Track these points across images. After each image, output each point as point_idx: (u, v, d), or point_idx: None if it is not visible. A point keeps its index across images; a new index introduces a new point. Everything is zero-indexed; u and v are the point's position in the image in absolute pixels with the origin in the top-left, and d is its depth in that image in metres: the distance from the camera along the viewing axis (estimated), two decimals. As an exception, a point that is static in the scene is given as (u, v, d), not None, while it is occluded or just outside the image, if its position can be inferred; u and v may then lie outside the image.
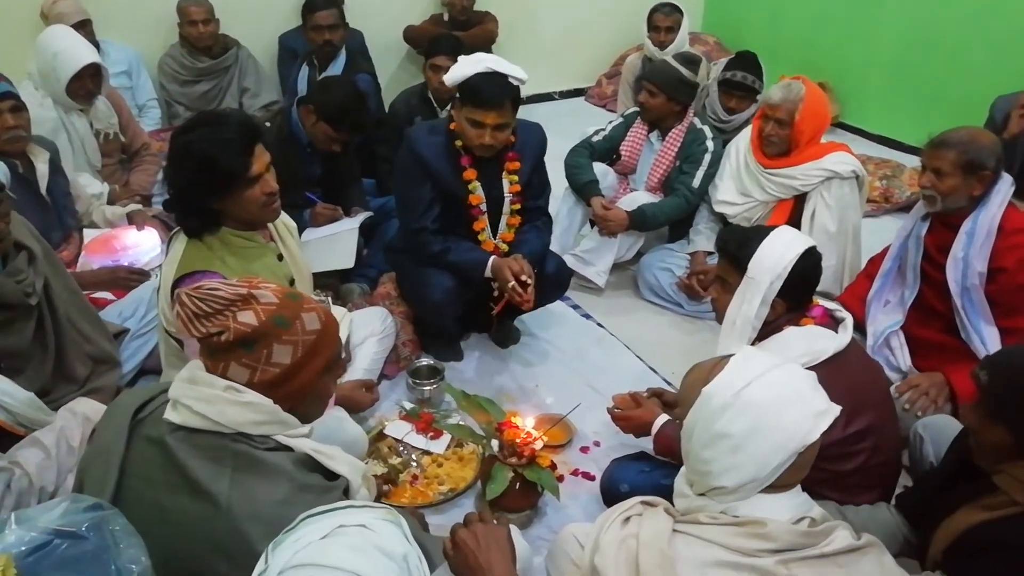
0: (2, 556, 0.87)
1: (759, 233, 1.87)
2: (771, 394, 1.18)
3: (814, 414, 1.18)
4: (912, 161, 4.39)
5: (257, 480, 1.19)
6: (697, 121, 3.17)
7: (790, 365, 1.25)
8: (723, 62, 3.64)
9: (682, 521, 1.24)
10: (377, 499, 1.74)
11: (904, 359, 2.33)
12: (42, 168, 2.65)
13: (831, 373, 1.42)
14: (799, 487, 1.23)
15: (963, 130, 2.20)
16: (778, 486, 1.19)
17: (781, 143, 2.79)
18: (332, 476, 1.30)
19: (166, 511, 1.13)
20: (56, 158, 2.77)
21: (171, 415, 1.22)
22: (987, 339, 2.21)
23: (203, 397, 1.21)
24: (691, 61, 3.14)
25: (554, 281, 2.66)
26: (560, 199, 2.74)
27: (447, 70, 3.28)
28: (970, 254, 2.18)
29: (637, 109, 3.28)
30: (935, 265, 2.29)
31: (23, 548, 0.89)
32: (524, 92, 2.43)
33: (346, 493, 1.30)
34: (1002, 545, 1.36)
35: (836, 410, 1.21)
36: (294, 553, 0.89)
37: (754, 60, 3.37)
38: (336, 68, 3.95)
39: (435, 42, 3.54)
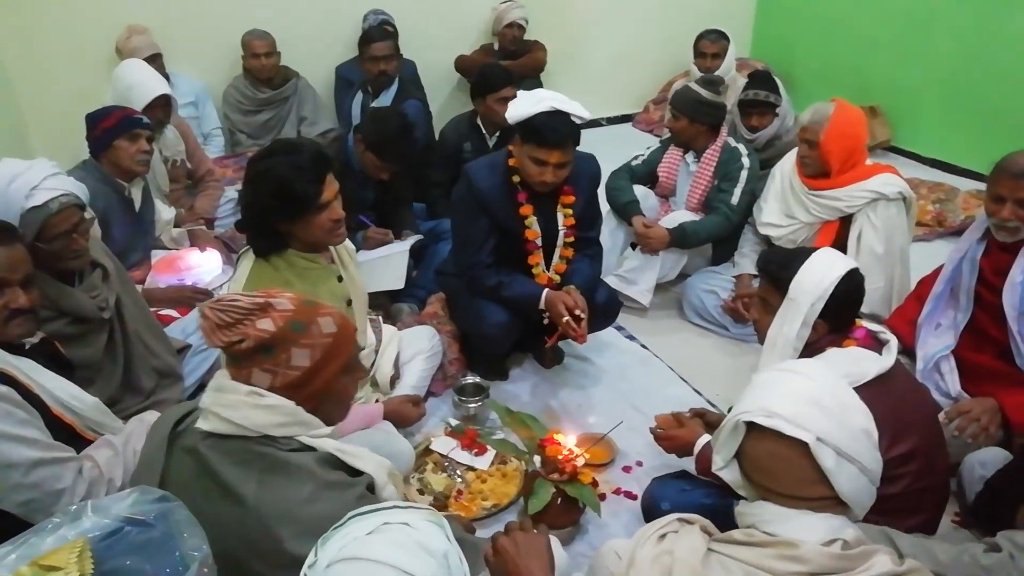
0: (80, 539, 0.95)
1: (801, 255, 1.87)
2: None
3: None
4: (966, 184, 4.31)
5: (283, 480, 1.25)
6: (731, 140, 3.21)
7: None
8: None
9: (718, 540, 1.24)
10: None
11: (954, 384, 2.29)
12: (137, 193, 2.90)
13: (874, 395, 1.41)
14: (834, 512, 1.20)
15: None
16: (807, 498, 1.18)
17: (813, 164, 2.79)
18: (356, 474, 1.34)
19: (203, 516, 1.18)
20: (148, 186, 3.01)
21: (202, 423, 1.29)
22: None
23: (228, 403, 1.27)
24: (712, 83, 3.23)
25: (604, 311, 2.70)
26: (602, 222, 2.80)
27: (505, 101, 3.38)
28: None
29: None
30: (991, 288, 2.24)
31: (97, 533, 0.97)
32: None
33: (371, 490, 1.35)
34: None
35: None
36: (341, 548, 0.95)
37: (768, 76, 3.44)
38: (388, 96, 4.08)
39: (492, 76, 3.49)
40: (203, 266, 3.03)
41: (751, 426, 1.24)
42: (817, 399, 1.20)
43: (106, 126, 2.74)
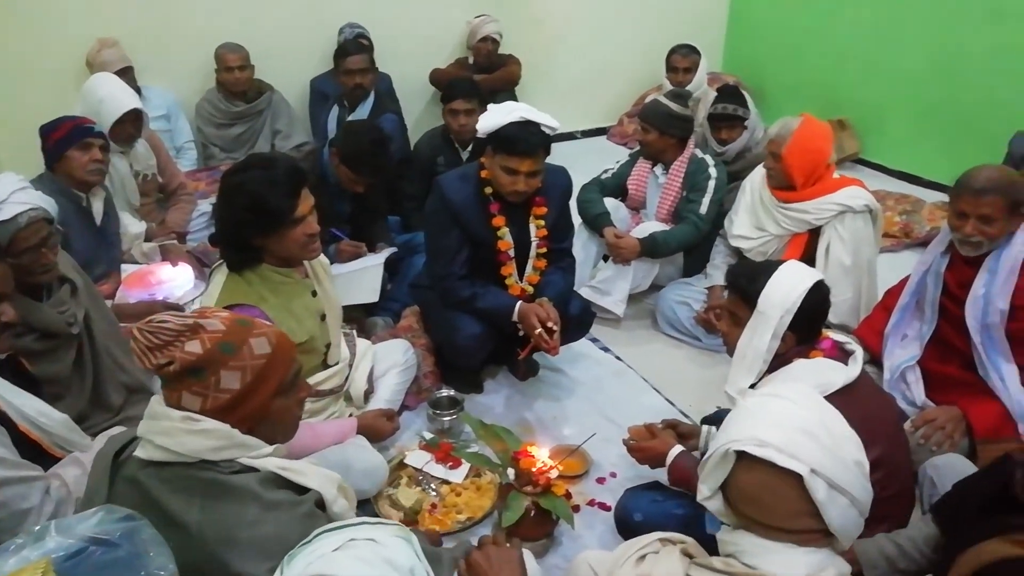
0: (43, 560, 0.93)
1: (768, 268, 1.89)
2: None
3: None
4: (931, 196, 4.41)
5: (226, 504, 1.23)
6: (698, 152, 3.28)
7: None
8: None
9: (697, 565, 1.22)
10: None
11: (919, 393, 2.33)
12: (98, 205, 2.86)
13: (840, 405, 1.40)
14: (819, 546, 1.17)
15: (991, 171, 2.18)
16: (794, 531, 1.15)
17: (777, 176, 2.85)
18: (304, 491, 1.32)
19: None
20: (110, 197, 2.97)
21: (140, 452, 1.27)
22: (1006, 376, 2.20)
23: (163, 430, 1.25)
24: (680, 96, 3.31)
25: (577, 322, 2.72)
26: (574, 234, 2.84)
27: (464, 113, 3.45)
28: (992, 291, 2.18)
29: None
30: (955, 301, 2.29)
31: (62, 553, 0.96)
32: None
33: (321, 506, 1.33)
34: None
35: None
36: (307, 565, 0.95)
37: (736, 91, 3.52)
38: (364, 109, 4.09)
39: (451, 87, 3.65)
40: (175, 280, 3.01)
41: (740, 455, 1.20)
42: (809, 428, 1.17)
43: (57, 137, 2.70)
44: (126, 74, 3.85)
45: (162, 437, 1.24)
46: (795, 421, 1.19)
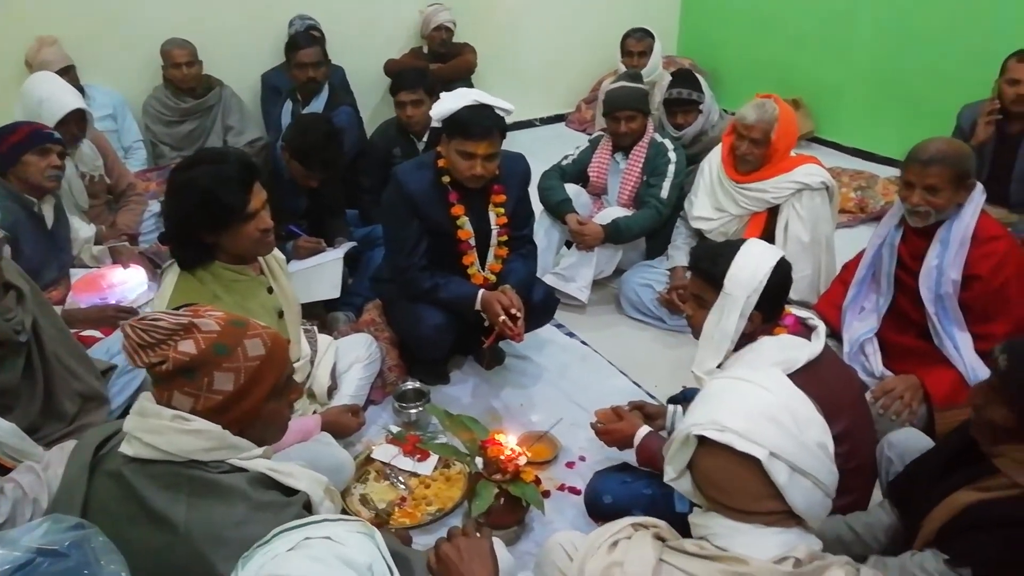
0: (-14, 576, 0.90)
1: (729, 248, 1.88)
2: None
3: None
4: (885, 171, 4.49)
5: (213, 503, 1.20)
6: (658, 136, 3.28)
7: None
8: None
9: (670, 549, 1.21)
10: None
11: (877, 364, 2.37)
12: (49, 210, 2.80)
13: (805, 381, 1.41)
14: (790, 524, 1.17)
15: (941, 143, 2.22)
16: (759, 513, 1.15)
17: (756, 161, 2.86)
18: (291, 493, 1.30)
19: (129, 542, 1.13)
20: (60, 202, 2.90)
21: (125, 448, 1.24)
22: (960, 345, 2.25)
23: (152, 428, 1.22)
24: (636, 76, 3.39)
25: (541, 308, 2.71)
26: (536, 221, 2.83)
27: (411, 104, 3.42)
28: (944, 262, 2.22)
29: (601, 133, 3.41)
30: (909, 273, 2.33)
31: (7, 567, 0.92)
32: (506, 120, 2.47)
33: (308, 508, 1.31)
34: (997, 523, 1.38)
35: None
36: (260, 566, 0.92)
37: (690, 75, 3.54)
38: (319, 103, 4.02)
39: (398, 78, 3.61)
40: (127, 283, 2.92)
41: (702, 439, 1.20)
42: (772, 413, 1.17)
43: (14, 141, 2.64)
44: (68, 73, 3.74)
45: (151, 435, 1.21)
46: (758, 405, 1.18)
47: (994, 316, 2.23)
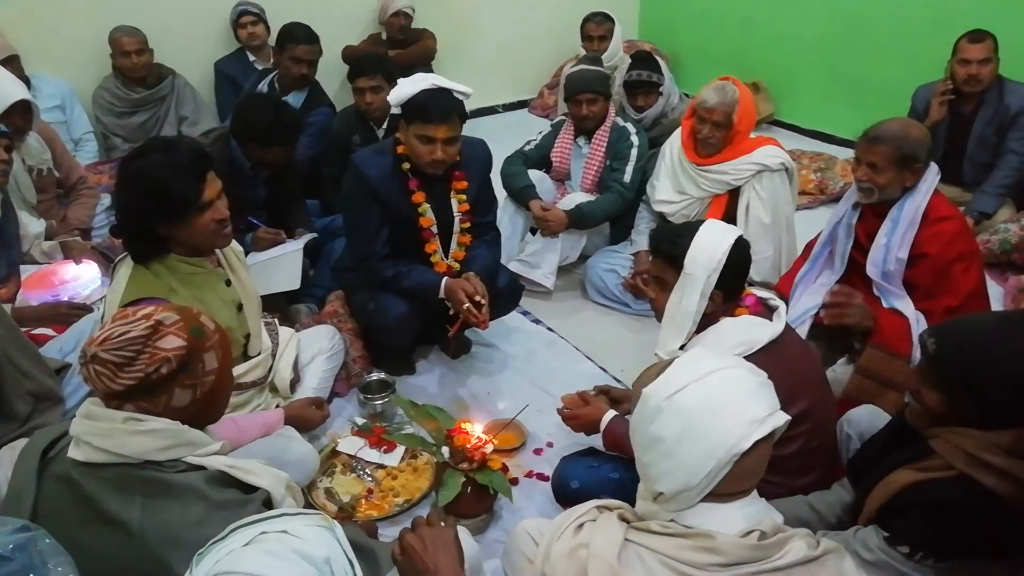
0: (-73, 585, 0.86)
1: (689, 229, 1.89)
2: (704, 398, 1.13)
3: (749, 422, 1.12)
4: (844, 153, 4.54)
5: (169, 504, 1.18)
6: (620, 120, 3.27)
7: (737, 369, 1.19)
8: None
9: (635, 529, 1.21)
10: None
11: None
12: None
13: (767, 361, 1.42)
14: (754, 495, 1.18)
15: (894, 123, 2.25)
16: (724, 494, 1.15)
17: (718, 144, 2.86)
18: (252, 490, 1.29)
19: (82, 547, 1.11)
20: (7, 197, 2.78)
21: (74, 452, 1.21)
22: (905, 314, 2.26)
23: (101, 432, 1.19)
24: (596, 59, 3.41)
25: (507, 295, 2.70)
26: (500, 208, 2.82)
27: (370, 90, 3.36)
28: (892, 240, 2.26)
29: (563, 118, 3.39)
30: (863, 252, 2.36)
31: (-52, 575, 0.89)
32: (468, 107, 2.45)
33: (269, 505, 1.29)
34: (932, 503, 1.42)
35: (780, 419, 1.15)
36: (215, 563, 0.90)
37: (649, 57, 3.53)
38: (298, 99, 3.87)
39: (356, 64, 3.55)
40: (79, 279, 2.83)
41: None
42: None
43: None
44: (11, 63, 3.59)
45: (101, 439, 1.19)
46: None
47: (938, 293, 2.26)
